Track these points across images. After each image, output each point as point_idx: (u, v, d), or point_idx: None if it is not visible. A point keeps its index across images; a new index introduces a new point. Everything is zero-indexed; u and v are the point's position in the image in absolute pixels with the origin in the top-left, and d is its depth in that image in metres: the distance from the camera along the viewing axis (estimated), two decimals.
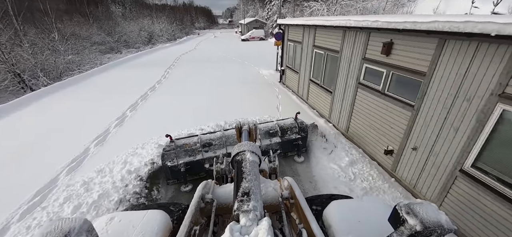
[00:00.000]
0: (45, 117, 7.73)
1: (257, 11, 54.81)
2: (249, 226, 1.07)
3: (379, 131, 4.83)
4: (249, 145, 1.75)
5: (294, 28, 9.03)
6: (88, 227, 1.10)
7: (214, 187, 2.08)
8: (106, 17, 40.89)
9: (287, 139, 4.90)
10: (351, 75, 5.57)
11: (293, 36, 9.22)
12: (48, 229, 0.99)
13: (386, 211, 1.43)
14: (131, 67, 16.15)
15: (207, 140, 4.45)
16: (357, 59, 5.29)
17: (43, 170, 4.87)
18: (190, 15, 79.10)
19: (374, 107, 4.91)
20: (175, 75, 13.17)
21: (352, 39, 5.40)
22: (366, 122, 5.20)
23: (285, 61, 10.51)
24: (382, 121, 4.73)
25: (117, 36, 34.29)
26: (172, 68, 15.25)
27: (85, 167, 4.98)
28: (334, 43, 6.24)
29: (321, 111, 7.33)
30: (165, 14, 53.07)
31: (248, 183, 1.35)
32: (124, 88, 10.74)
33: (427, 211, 1.02)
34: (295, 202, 1.81)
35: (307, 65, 8.04)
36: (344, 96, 5.98)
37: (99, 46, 32.25)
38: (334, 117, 6.59)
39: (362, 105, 5.30)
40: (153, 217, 1.75)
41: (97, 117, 7.51)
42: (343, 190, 4.14)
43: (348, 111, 5.83)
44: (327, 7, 18.47)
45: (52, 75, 18.94)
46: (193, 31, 65.15)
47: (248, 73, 13.10)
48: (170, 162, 4.14)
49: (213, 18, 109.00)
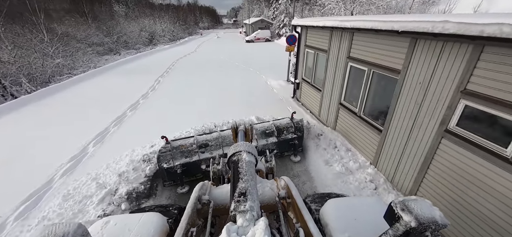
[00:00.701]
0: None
1: (262, 10, 52.50)
2: (246, 226, 1.06)
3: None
4: (245, 145, 1.70)
5: (315, 31, 6.79)
6: (83, 231, 1.10)
7: (211, 188, 2.06)
8: (109, 16, 39.48)
9: (283, 139, 4.88)
10: (429, 113, 3.33)
11: (314, 41, 6.99)
12: (42, 234, 1.00)
13: (381, 208, 1.49)
14: (120, 74, 14.14)
15: (203, 141, 4.39)
16: (444, 90, 3.04)
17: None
18: (194, 15, 77.50)
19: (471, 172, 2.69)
20: (166, 86, 11.07)
21: (430, 53, 3.16)
22: (456, 207, 2.97)
23: (300, 73, 8.28)
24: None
25: (116, 37, 32.58)
26: (165, 76, 13.14)
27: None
28: (391, 58, 3.99)
29: (360, 147, 5.08)
30: (168, 13, 51.50)
31: (245, 183, 1.33)
32: (99, 105, 8.68)
33: (422, 207, 1.03)
34: (292, 202, 1.80)
35: (337, 83, 5.80)
36: (409, 140, 3.74)
37: (98, 47, 30.68)
38: (385, 166, 4.34)
39: (452, 171, 3.05)
40: (150, 220, 1.73)
41: (45, 156, 5.43)
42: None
43: (417, 166, 3.59)
44: (344, 6, 16.10)
45: (40, 79, 17.21)
46: (197, 31, 63.40)
47: (254, 85, 10.83)
48: (166, 163, 4.09)
49: (218, 18, 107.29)
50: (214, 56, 19.98)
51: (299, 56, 8.26)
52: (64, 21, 29.48)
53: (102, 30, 31.59)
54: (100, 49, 29.97)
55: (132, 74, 13.82)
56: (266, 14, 47.47)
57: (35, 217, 3.52)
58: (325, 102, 6.57)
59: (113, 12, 40.98)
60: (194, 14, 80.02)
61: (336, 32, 5.59)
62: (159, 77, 12.67)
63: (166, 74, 13.63)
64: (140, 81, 11.87)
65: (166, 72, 14.02)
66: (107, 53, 30.44)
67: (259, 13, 51.81)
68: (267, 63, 16.19)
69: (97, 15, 36.65)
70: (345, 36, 5.22)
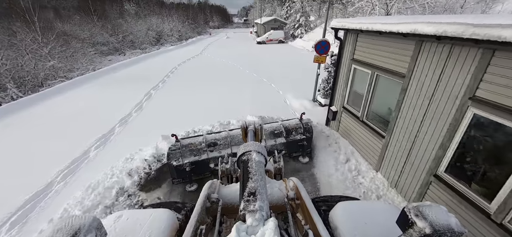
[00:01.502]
0: None
1: (274, 9, 49.75)
2: (255, 226, 1.03)
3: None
4: (255, 145, 1.67)
5: (379, 40, 4.16)
6: (97, 224, 1.11)
7: (220, 186, 2.04)
8: (119, 15, 38.22)
9: (292, 140, 4.77)
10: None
11: (372, 55, 4.36)
12: (59, 226, 1.01)
13: (393, 213, 1.41)
14: (109, 83, 12.00)
15: (212, 140, 4.38)
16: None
17: None
18: (204, 14, 75.86)
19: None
20: (156, 104, 8.67)
21: None
22: None
23: (340, 97, 5.66)
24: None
25: (121, 36, 30.97)
26: (159, 87, 10.80)
27: None
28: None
29: None
30: (177, 12, 49.94)
31: (254, 183, 1.31)
32: (60, 136, 6.43)
33: (437, 214, 0.98)
34: (301, 203, 1.78)
35: (429, 137, 3.17)
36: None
37: (102, 47, 29.27)
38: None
39: None
40: (160, 216, 1.73)
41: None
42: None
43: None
44: (379, 3, 13.15)
45: (32, 84, 15.52)
46: (206, 30, 61.56)
47: (268, 104, 8.15)
48: (175, 161, 4.10)
49: (228, 17, 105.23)
50: (220, 61, 17.56)
51: (338, 73, 5.63)
52: (68, 19, 28.15)
53: (107, 29, 30.07)
54: (104, 49, 28.47)
55: (124, 84, 11.61)
56: (279, 13, 44.67)
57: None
58: (394, 160, 3.92)
59: (124, 11, 39.72)
60: (205, 13, 78.43)
61: (438, 47, 2.95)
62: (152, 90, 10.32)
63: (161, 84, 11.30)
64: (127, 95, 9.53)
65: (163, 82, 11.73)
66: (111, 53, 28.91)
67: (271, 12, 49.08)
68: (283, 71, 13.52)
69: (104, 13, 35.35)
70: (473, 54, 2.58)
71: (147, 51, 29.15)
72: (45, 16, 24.58)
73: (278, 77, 12.12)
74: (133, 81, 11.96)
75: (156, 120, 7.18)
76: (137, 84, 11.25)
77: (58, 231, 0.98)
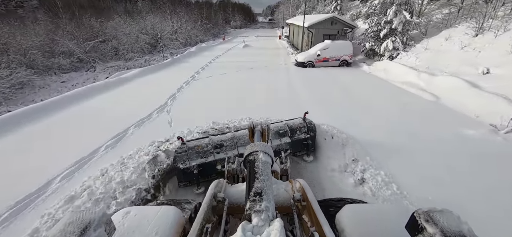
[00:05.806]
0: None
1: (314, 6, 36.68)
2: (261, 226, 1.06)
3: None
4: (262, 145, 1.73)
5: None
6: (107, 219, 1.15)
7: (226, 186, 2.08)
8: (96, 12, 28.72)
9: (296, 139, 4.86)
10: None
11: None
12: (70, 219, 1.04)
13: (402, 217, 1.34)
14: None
15: (218, 141, 4.40)
16: None
17: None
18: (224, 12, 65.48)
19: None
20: None
21: None
22: None
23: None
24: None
25: (91, 43, 20.87)
26: None
27: None
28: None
29: None
30: (191, 10, 39.81)
31: (261, 183, 1.35)
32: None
33: (448, 220, 0.97)
34: (307, 205, 1.81)
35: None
36: None
37: (64, 59, 19.21)
38: None
39: None
40: (167, 213, 1.76)
41: None
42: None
43: None
44: None
45: None
46: (226, 30, 50.63)
47: None
48: (182, 164, 4.10)
49: (252, 16, 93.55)
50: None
51: None
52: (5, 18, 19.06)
53: (71, 33, 20.29)
54: (65, 63, 18.42)
55: None
56: (320, 10, 31.56)
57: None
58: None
59: (109, 7, 30.48)
60: (226, 11, 68.00)
61: None
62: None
63: None
64: None
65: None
66: (77, 68, 19.08)
67: (310, 8, 35.69)
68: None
69: (81, 10, 25.52)
70: None
71: (129, 65, 19.16)
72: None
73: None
74: None
75: None
76: None
77: (69, 224, 1.02)
